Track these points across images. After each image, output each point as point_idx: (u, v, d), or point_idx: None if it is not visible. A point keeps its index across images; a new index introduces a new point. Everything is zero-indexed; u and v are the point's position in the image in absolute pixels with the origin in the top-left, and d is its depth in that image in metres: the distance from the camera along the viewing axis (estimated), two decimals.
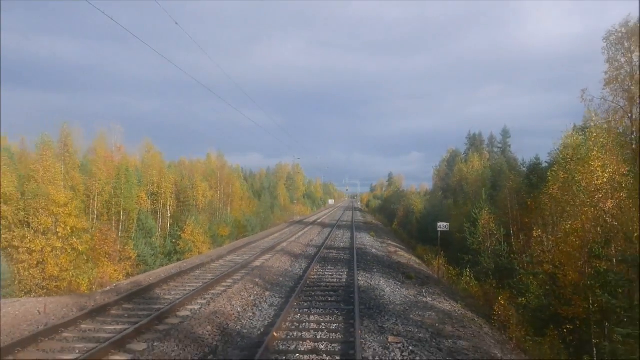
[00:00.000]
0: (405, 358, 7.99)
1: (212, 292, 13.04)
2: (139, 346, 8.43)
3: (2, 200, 23.44)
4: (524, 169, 34.66)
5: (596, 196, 15.55)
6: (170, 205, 54.74)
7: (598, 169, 15.55)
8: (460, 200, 47.54)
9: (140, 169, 54.45)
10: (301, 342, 8.75)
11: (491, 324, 13.30)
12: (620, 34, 28.13)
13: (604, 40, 28.38)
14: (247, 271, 16.66)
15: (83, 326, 9.74)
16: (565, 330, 14.29)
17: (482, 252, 25.78)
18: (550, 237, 19.31)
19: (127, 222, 42.15)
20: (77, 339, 8.91)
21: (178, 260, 33.20)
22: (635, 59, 27.78)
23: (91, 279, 21.94)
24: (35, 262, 21.39)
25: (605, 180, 15.45)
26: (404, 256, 26.13)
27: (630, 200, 14.11)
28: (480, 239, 26.38)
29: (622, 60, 27.95)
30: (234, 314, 10.67)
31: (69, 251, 22.44)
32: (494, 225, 25.80)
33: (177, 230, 40.67)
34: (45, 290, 21.90)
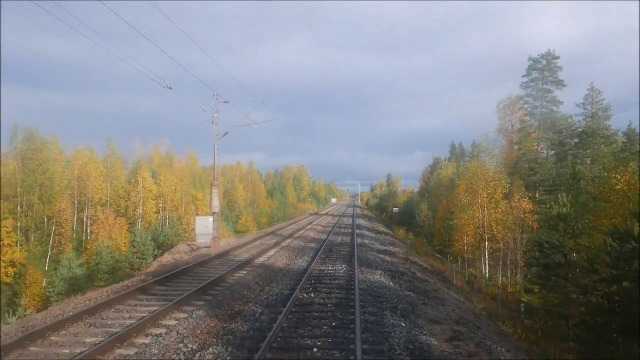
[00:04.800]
0: (367, 236, 28.50)
1: (299, 232, 33.32)
2: (289, 241, 28.63)
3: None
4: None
5: (462, 197, 35.59)
6: (221, 201, 75.19)
7: (462, 185, 35.58)
8: (431, 197, 67.88)
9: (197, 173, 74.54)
10: (337, 239, 29.02)
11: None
12: (506, 103, 48.81)
13: (497, 107, 48.96)
14: (306, 229, 36.92)
15: (266, 238, 30.05)
16: (439, 249, 34.64)
17: (424, 226, 46.25)
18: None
19: (197, 211, 62.73)
20: (269, 239, 29.13)
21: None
22: (515, 119, 48.33)
23: (226, 235, 42.13)
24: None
25: (464, 188, 35.47)
26: (382, 229, 46.47)
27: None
28: (423, 218, 46.84)
29: (507, 119, 48.55)
30: (312, 235, 31.03)
31: None
32: (427, 210, 46.25)
33: (235, 219, 60.98)
34: None
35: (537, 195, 42.42)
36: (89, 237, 39.66)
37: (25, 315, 22.85)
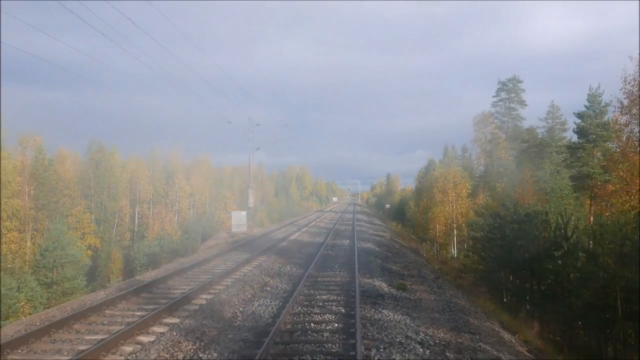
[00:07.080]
0: (364, 225, 38.23)
1: (312, 223, 42.92)
2: (305, 228, 38.22)
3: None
4: None
5: (437, 195, 45.12)
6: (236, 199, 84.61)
7: (438, 186, 45.03)
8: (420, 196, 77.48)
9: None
10: (342, 227, 38.64)
11: (391, 231, 42.98)
12: (480, 118, 58.31)
13: (473, 121, 58.44)
14: (316, 221, 46.51)
15: (287, 227, 39.67)
16: (421, 236, 44.19)
17: (411, 220, 56.10)
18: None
19: (226, 207, 72.31)
20: (290, 228, 38.72)
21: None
22: (487, 132, 57.79)
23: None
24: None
25: (439, 189, 45.03)
26: (378, 222, 56.14)
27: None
28: (411, 213, 56.62)
29: (481, 131, 58.05)
30: (322, 225, 40.68)
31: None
32: (414, 207, 56.13)
33: (252, 215, 70.55)
34: None
35: None
36: (137, 229, 49.48)
37: (118, 282, 32.38)
